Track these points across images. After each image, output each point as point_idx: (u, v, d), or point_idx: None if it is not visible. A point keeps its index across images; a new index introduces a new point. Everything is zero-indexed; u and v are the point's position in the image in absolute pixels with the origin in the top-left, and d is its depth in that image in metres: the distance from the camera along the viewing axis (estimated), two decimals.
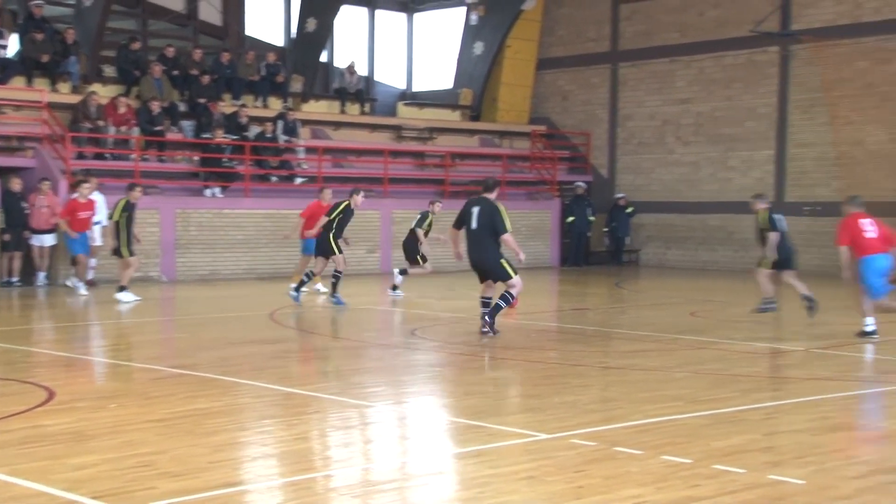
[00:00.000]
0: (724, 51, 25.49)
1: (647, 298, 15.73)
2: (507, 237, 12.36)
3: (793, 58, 24.39)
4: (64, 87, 21.85)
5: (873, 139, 23.11)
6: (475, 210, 12.40)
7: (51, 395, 8.68)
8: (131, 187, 16.78)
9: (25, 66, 21.43)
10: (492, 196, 12.54)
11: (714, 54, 25.72)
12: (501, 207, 12.53)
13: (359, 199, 16.39)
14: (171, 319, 15.80)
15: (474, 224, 12.38)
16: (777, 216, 14.51)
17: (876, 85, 23.02)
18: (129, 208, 16.42)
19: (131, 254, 16.49)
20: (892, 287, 12.76)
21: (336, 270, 15.99)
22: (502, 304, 12.44)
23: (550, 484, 6.14)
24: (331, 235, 16.01)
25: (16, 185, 19.20)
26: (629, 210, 26.52)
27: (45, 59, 21.51)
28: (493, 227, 12.30)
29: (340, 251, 16.06)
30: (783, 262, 14.40)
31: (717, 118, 25.80)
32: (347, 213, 16.12)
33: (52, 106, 20.57)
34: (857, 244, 12.47)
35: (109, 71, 23.40)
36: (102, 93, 21.77)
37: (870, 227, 12.57)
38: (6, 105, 20.58)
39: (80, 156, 20.60)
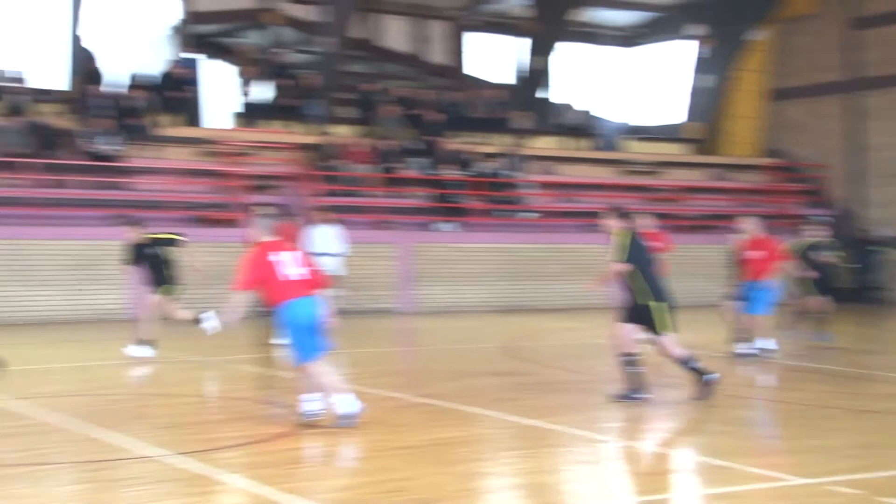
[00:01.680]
0: None
1: None
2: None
3: None
4: (300, 127, 22.88)
5: None
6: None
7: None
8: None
9: (267, 110, 22.68)
10: None
11: None
12: None
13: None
14: (410, 350, 16.22)
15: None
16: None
17: None
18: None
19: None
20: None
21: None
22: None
23: None
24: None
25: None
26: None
27: (289, 103, 22.81)
28: None
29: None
30: None
31: None
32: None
33: (295, 146, 21.69)
34: None
35: (343, 112, 24.29)
36: (341, 133, 22.76)
37: None
38: (254, 147, 21.78)
39: (332, 193, 21.00)
